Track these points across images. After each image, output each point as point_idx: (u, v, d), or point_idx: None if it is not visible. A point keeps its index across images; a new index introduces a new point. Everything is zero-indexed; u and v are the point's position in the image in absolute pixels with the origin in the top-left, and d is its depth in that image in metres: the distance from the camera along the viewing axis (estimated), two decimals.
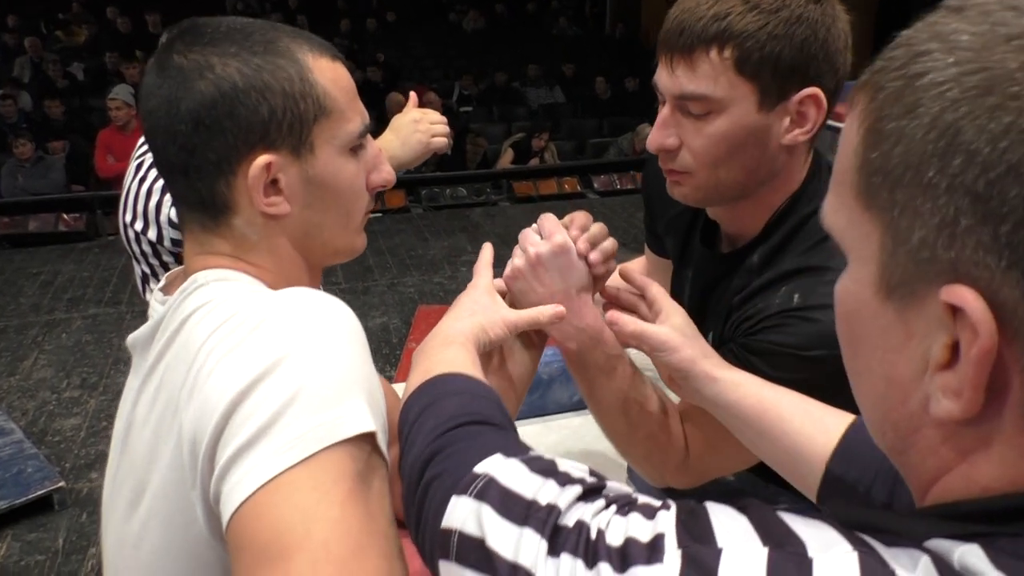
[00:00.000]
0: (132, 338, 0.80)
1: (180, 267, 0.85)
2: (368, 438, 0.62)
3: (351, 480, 0.59)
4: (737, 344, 1.00)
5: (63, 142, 6.89)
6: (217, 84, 0.71)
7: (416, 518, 0.60)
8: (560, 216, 1.01)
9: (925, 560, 0.39)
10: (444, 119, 1.45)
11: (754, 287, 1.03)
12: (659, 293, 0.97)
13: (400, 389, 1.54)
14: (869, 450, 0.76)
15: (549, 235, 0.96)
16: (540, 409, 1.43)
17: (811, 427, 0.82)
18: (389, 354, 4.19)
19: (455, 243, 6.01)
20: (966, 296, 0.39)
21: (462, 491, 0.56)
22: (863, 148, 0.44)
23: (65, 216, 6.26)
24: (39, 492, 2.99)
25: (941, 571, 0.39)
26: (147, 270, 1.84)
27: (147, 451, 0.71)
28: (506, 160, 7.74)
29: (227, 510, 0.58)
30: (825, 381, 0.89)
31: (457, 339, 0.83)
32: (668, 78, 0.95)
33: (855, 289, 0.47)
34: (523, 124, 8.62)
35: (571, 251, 0.95)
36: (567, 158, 8.20)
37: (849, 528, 0.43)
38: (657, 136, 0.99)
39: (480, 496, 0.54)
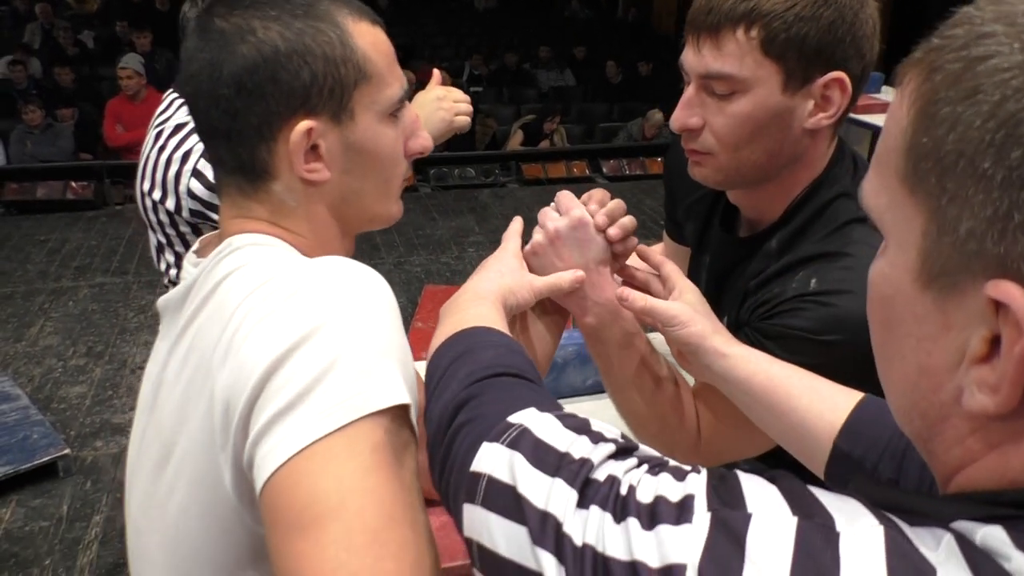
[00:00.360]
0: (163, 300, 0.80)
1: (214, 232, 0.84)
2: (402, 410, 0.62)
3: (385, 451, 0.59)
4: (752, 328, 1.00)
5: (72, 110, 6.87)
6: (259, 48, 0.71)
7: (442, 460, 0.60)
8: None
9: (948, 538, 0.39)
10: (467, 98, 1.44)
11: (771, 271, 1.03)
12: (673, 271, 0.98)
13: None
14: (877, 427, 0.77)
15: (567, 210, 0.97)
16: (554, 392, 1.43)
17: (819, 404, 0.82)
18: None
19: (463, 223, 6.00)
20: (1013, 293, 0.38)
21: (494, 438, 0.56)
22: (913, 130, 0.42)
23: (73, 184, 6.24)
24: (44, 459, 3.01)
25: (963, 549, 0.39)
26: (163, 240, 1.84)
27: (176, 411, 0.71)
28: (516, 141, 7.70)
29: (261, 476, 0.59)
30: (839, 366, 0.90)
31: (488, 297, 0.84)
32: (694, 57, 0.95)
33: (892, 274, 0.45)
34: (533, 106, 8.57)
35: (589, 225, 0.96)
36: (576, 142, 8.16)
37: (876, 506, 0.43)
38: (680, 115, 0.98)
39: (513, 445, 0.54)
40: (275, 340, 0.61)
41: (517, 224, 1.02)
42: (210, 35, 0.72)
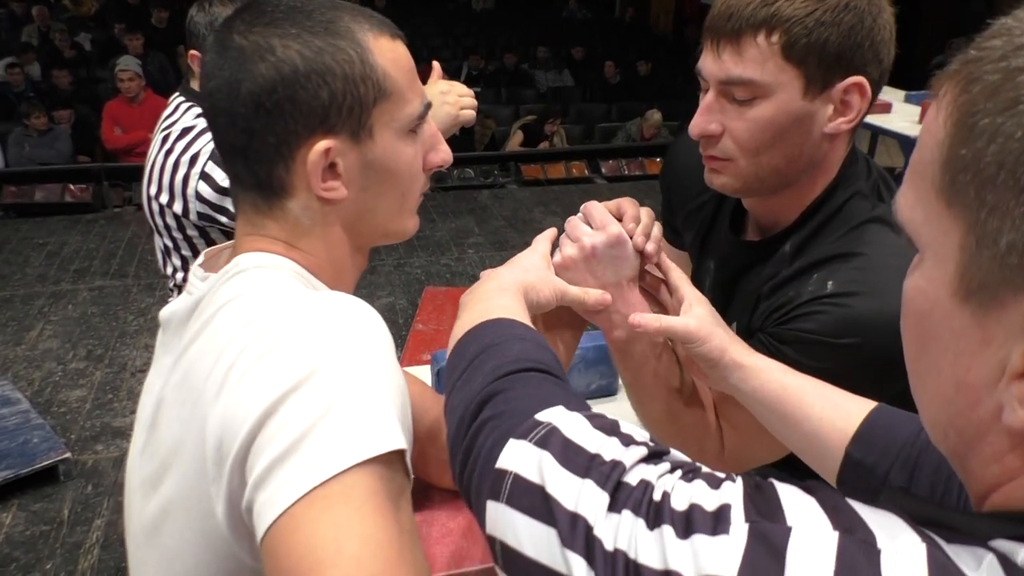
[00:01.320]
0: (167, 312, 0.80)
1: (220, 245, 0.84)
2: (398, 455, 0.62)
3: (382, 496, 0.59)
4: (767, 334, 0.99)
5: (69, 112, 6.85)
6: (278, 67, 0.70)
7: (464, 454, 0.60)
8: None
9: (990, 558, 0.39)
10: (471, 92, 1.44)
11: (785, 275, 1.02)
12: (681, 279, 0.96)
13: (406, 371, 1.54)
14: (889, 435, 0.77)
15: (602, 226, 0.93)
16: None
17: (831, 412, 0.82)
18: (395, 334, 4.16)
19: (462, 225, 5.99)
20: None
21: (522, 436, 0.55)
22: (951, 142, 0.41)
23: (72, 187, 6.23)
24: (45, 463, 3.00)
25: (1007, 570, 0.38)
26: (169, 243, 1.83)
27: (172, 434, 0.71)
28: (516, 142, 7.70)
29: (261, 525, 0.59)
30: (856, 369, 0.90)
31: (511, 288, 0.83)
32: (714, 63, 0.95)
33: (928, 288, 0.44)
34: (531, 106, 8.57)
35: (627, 243, 0.93)
36: (575, 142, 8.16)
37: (912, 520, 0.42)
38: (700, 121, 0.97)
39: (542, 444, 0.53)
40: (270, 383, 0.61)
41: (551, 231, 1.00)
42: (229, 52, 0.72)
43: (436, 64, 1.55)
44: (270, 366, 0.62)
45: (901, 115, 4.71)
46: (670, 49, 11.60)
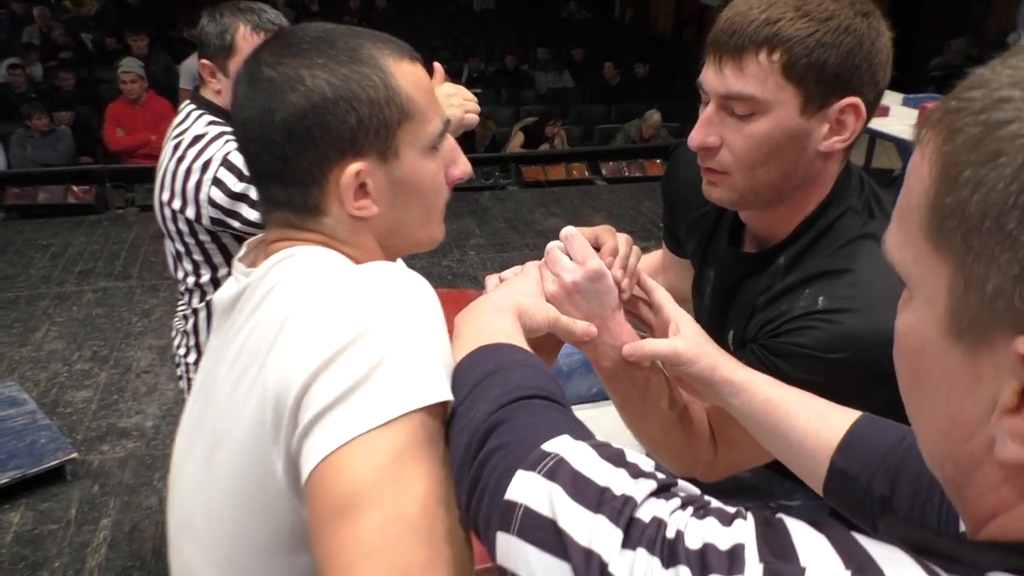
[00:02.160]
0: (217, 298, 0.85)
1: (259, 236, 0.89)
2: (443, 407, 0.67)
3: (424, 445, 0.64)
4: (759, 345, 1.02)
5: (70, 113, 6.88)
6: (308, 96, 0.75)
7: (471, 484, 0.60)
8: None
9: None
10: (474, 96, 1.48)
11: (779, 289, 1.05)
12: (665, 299, 0.99)
13: None
14: (872, 445, 0.79)
15: (582, 260, 0.93)
16: None
17: (816, 423, 0.85)
18: None
19: (463, 226, 6.02)
20: None
21: (530, 467, 0.56)
22: (936, 190, 0.43)
23: (75, 188, 6.26)
24: (52, 463, 3.03)
25: None
26: (181, 248, 1.87)
27: (227, 406, 0.76)
28: (516, 143, 7.73)
29: (307, 466, 0.63)
30: (846, 383, 0.92)
31: (508, 310, 0.84)
32: (715, 77, 0.98)
33: (919, 327, 0.46)
34: (532, 108, 8.60)
35: (606, 276, 0.94)
36: (575, 143, 8.19)
37: (912, 549, 0.43)
38: (699, 134, 1.00)
39: (551, 476, 0.54)
40: (325, 341, 0.66)
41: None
42: (260, 84, 0.76)
43: (438, 66, 1.59)
44: (324, 327, 0.67)
45: (899, 118, 4.74)
46: (669, 50, 11.63)
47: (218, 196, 1.73)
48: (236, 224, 1.76)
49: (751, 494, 1.30)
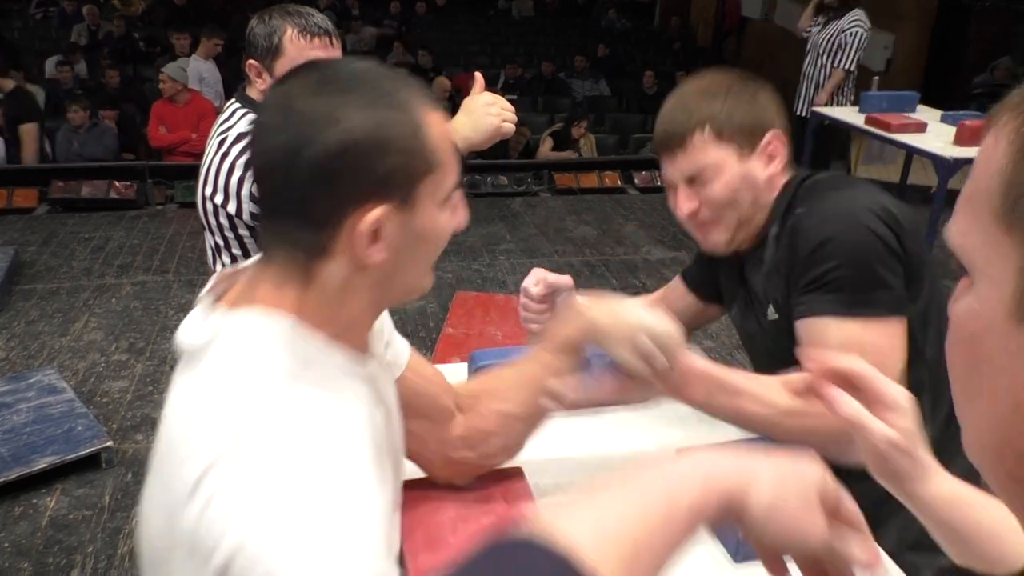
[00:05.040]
0: (178, 341, 0.80)
1: (231, 269, 0.86)
2: None
3: None
4: (799, 293, 1.25)
5: (114, 112, 7.03)
6: (342, 136, 0.72)
7: None
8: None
9: None
10: (512, 107, 1.52)
11: (771, 257, 1.33)
12: (880, 379, 0.83)
13: (441, 371, 1.60)
14: None
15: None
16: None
17: (1001, 520, 0.80)
18: (426, 337, 4.27)
19: (494, 231, 6.07)
20: None
21: None
22: (1012, 169, 0.43)
23: (117, 184, 6.40)
24: (88, 450, 3.12)
25: None
26: (220, 242, 1.93)
27: (159, 469, 0.75)
28: (545, 148, 7.75)
29: None
30: (868, 258, 1.18)
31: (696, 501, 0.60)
32: (673, 168, 1.31)
33: (982, 311, 0.45)
34: (566, 116, 8.63)
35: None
36: (609, 152, 8.19)
37: None
38: (684, 206, 1.32)
39: None
40: (239, 516, 0.63)
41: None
42: (291, 115, 0.73)
43: (478, 75, 1.63)
44: (239, 498, 0.63)
45: (936, 135, 4.68)
46: (708, 61, 11.60)
47: None
48: None
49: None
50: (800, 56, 5.96)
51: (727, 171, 1.27)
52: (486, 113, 1.53)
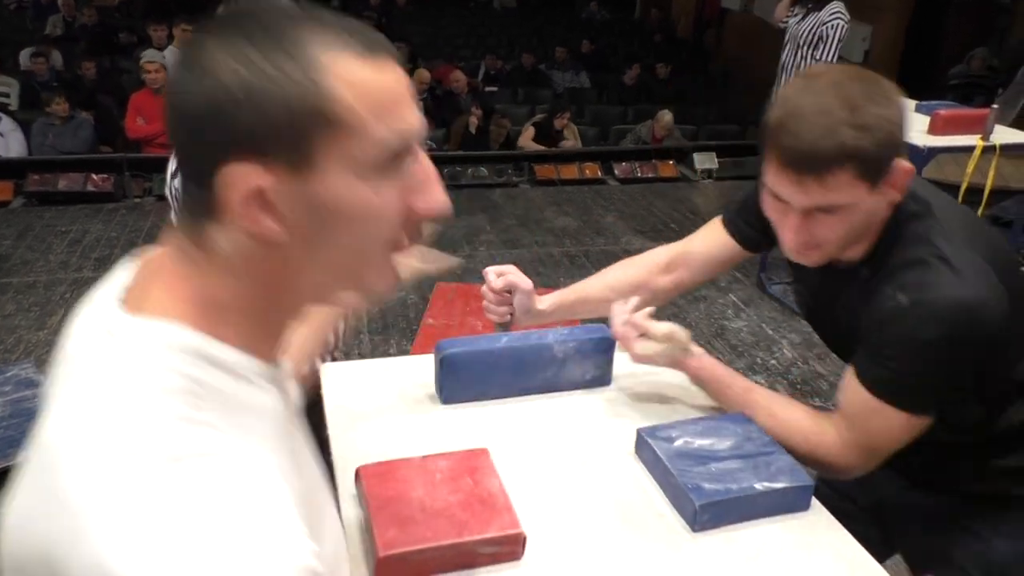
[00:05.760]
0: (71, 334, 0.73)
1: (151, 249, 0.75)
2: None
3: None
4: (869, 352, 1.24)
5: (91, 112, 6.96)
6: (210, 84, 0.62)
7: None
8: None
9: None
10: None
11: (864, 292, 1.27)
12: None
13: (417, 362, 1.62)
14: None
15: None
16: (553, 386, 1.51)
17: None
18: (406, 328, 4.28)
19: (475, 223, 6.08)
20: None
21: None
22: None
23: (94, 176, 6.36)
24: None
25: None
26: None
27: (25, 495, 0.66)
28: (527, 137, 7.77)
29: None
30: (956, 358, 1.17)
31: None
32: (798, 193, 1.15)
33: None
34: (548, 107, 8.66)
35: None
36: (590, 143, 8.23)
37: None
38: (796, 243, 1.21)
39: None
40: None
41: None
42: (181, 63, 0.65)
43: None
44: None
45: (911, 125, 4.73)
46: (689, 53, 11.64)
47: None
48: None
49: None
50: (779, 48, 6.00)
51: (856, 211, 1.16)
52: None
